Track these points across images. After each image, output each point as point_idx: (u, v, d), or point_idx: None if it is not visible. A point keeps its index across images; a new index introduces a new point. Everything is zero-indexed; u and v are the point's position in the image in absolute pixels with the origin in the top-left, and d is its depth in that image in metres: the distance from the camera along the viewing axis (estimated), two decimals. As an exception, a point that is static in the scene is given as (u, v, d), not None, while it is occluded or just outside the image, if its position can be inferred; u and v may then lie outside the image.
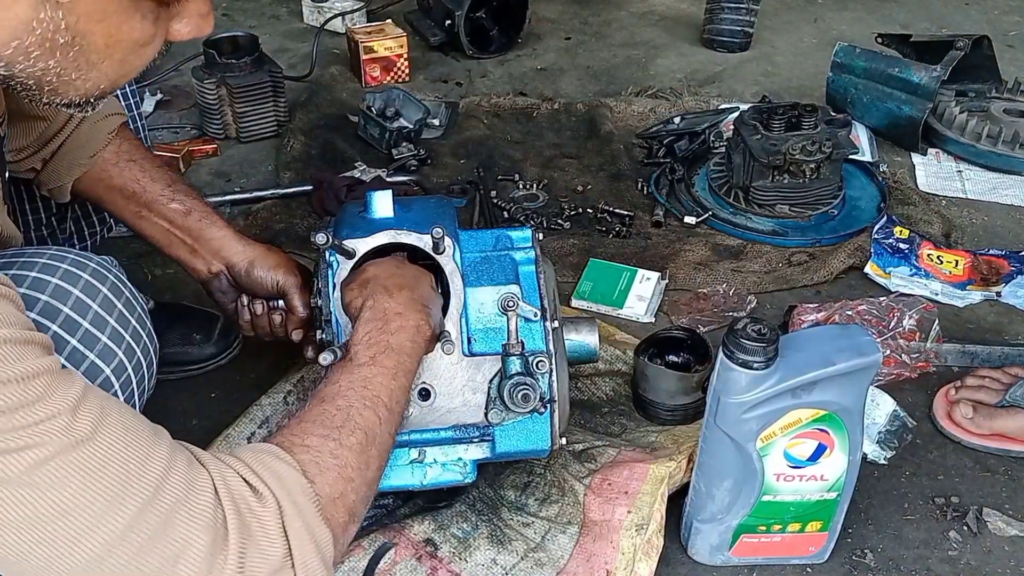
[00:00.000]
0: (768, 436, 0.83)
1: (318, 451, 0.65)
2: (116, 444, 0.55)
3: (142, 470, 0.56)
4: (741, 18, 2.01)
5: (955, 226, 1.46)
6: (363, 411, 0.70)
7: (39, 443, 0.52)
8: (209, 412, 1.10)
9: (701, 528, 0.91)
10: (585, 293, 1.30)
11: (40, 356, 0.55)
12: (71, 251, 0.79)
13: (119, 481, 0.55)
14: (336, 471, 0.65)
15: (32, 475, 0.52)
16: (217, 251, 0.97)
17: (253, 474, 0.61)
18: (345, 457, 0.66)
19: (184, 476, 0.57)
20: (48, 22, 0.54)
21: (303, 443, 0.65)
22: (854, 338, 0.82)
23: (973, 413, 1.05)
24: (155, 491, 0.56)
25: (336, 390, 0.71)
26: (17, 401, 0.52)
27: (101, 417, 0.56)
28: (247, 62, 1.64)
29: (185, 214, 0.97)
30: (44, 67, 0.57)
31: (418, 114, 1.65)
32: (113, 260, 0.82)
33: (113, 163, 0.97)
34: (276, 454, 0.63)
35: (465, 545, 0.90)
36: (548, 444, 0.89)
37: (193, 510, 0.56)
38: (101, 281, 0.77)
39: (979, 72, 1.70)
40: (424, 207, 0.94)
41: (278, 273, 0.97)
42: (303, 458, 0.64)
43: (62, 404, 0.54)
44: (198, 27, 0.61)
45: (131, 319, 0.79)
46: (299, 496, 0.61)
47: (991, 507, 0.99)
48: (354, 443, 0.68)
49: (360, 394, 0.71)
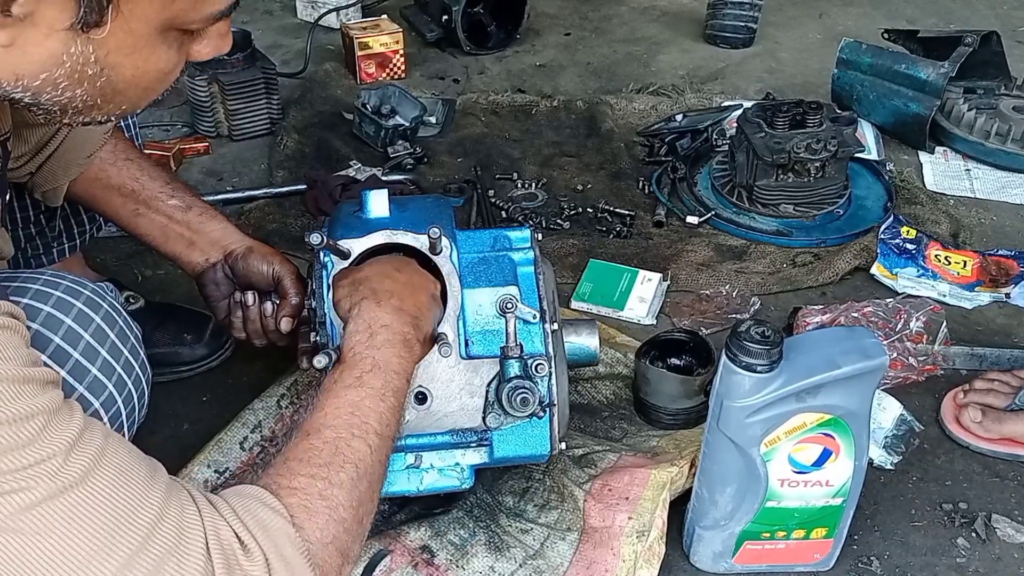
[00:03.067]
0: (772, 441, 0.82)
1: (306, 493, 0.63)
2: (108, 488, 0.55)
3: (133, 517, 0.55)
4: (744, 13, 2.00)
5: (963, 226, 1.46)
6: (352, 442, 0.68)
7: (27, 487, 0.52)
8: (200, 416, 1.09)
9: (704, 535, 0.90)
10: (585, 295, 1.29)
11: (37, 395, 0.54)
12: (67, 277, 0.79)
13: (108, 528, 0.54)
14: (326, 513, 0.63)
15: (18, 520, 0.51)
16: (216, 241, 0.98)
17: (241, 524, 0.59)
18: (335, 497, 0.64)
19: (176, 525, 0.56)
20: (78, 56, 0.55)
21: (290, 484, 0.63)
22: (860, 340, 0.81)
23: (982, 417, 1.04)
24: (145, 539, 0.55)
25: (322, 420, 0.69)
26: (9, 444, 0.52)
27: (96, 459, 0.55)
28: (239, 58, 1.63)
29: (185, 209, 0.98)
30: (71, 96, 0.58)
31: (414, 112, 1.64)
32: (109, 286, 0.82)
33: (111, 163, 0.97)
34: (263, 500, 0.62)
35: (462, 552, 0.89)
36: (547, 449, 0.89)
37: (184, 561, 0.55)
38: (95, 310, 0.77)
39: (988, 69, 1.69)
40: (420, 207, 0.93)
41: (274, 260, 0.98)
42: (291, 502, 0.62)
43: (55, 447, 0.53)
44: (217, 47, 0.63)
45: (124, 350, 0.79)
46: (287, 548, 0.60)
47: (1000, 513, 0.98)
48: (344, 479, 0.66)
49: (348, 422, 0.69)
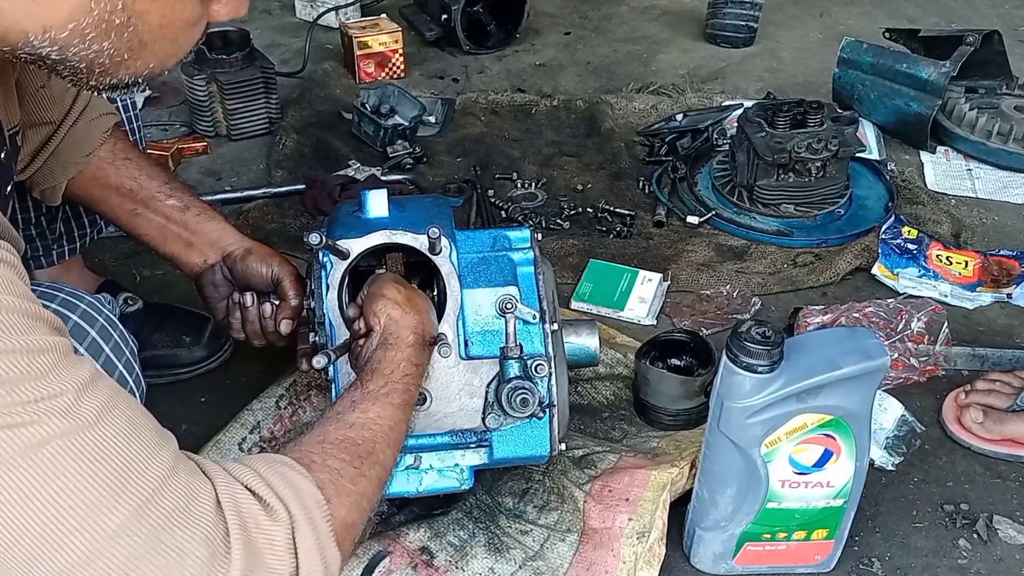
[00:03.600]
0: (773, 442, 0.82)
1: (340, 474, 0.64)
2: (119, 437, 0.53)
3: (144, 469, 0.53)
4: (745, 12, 2.00)
5: (965, 226, 1.45)
6: (386, 450, 0.71)
7: (38, 421, 0.50)
8: (199, 417, 1.09)
9: (704, 536, 0.90)
10: (585, 295, 1.29)
11: (48, 333, 0.53)
12: (63, 288, 0.78)
13: (118, 476, 0.52)
14: (354, 498, 0.64)
15: (24, 457, 0.49)
16: (214, 242, 0.98)
17: (265, 485, 0.58)
18: (365, 488, 0.65)
19: (186, 484, 0.55)
20: (106, 3, 0.55)
21: (324, 463, 0.64)
22: (861, 341, 0.81)
23: (983, 418, 1.04)
24: (154, 494, 0.53)
25: (366, 420, 0.71)
26: (19, 374, 0.50)
27: (107, 406, 0.54)
28: (238, 58, 1.63)
29: (183, 210, 0.97)
30: (99, 49, 0.57)
31: (414, 111, 1.64)
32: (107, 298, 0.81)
33: (109, 162, 0.97)
34: (292, 466, 0.62)
35: (462, 553, 0.89)
36: (547, 450, 0.89)
37: (192, 520, 0.54)
38: (90, 323, 0.76)
39: (989, 68, 1.69)
40: (420, 206, 0.93)
41: (273, 261, 0.97)
42: (322, 477, 0.62)
43: (67, 384, 0.52)
44: (235, 8, 0.63)
45: (118, 364, 0.78)
46: (315, 512, 0.59)
47: (1002, 514, 0.98)
48: (374, 476, 0.67)
49: (387, 434, 0.72)
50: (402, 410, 0.75)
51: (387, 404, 0.73)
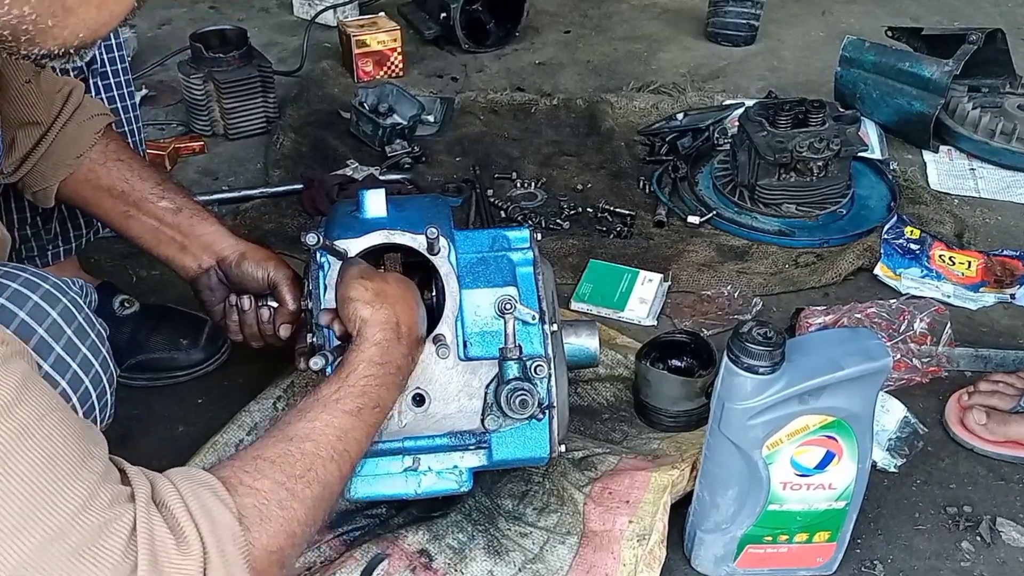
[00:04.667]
0: (774, 443, 0.82)
1: (266, 498, 0.61)
2: (36, 463, 0.51)
3: (55, 501, 0.52)
4: (746, 11, 2.00)
5: (968, 226, 1.45)
6: (328, 464, 0.67)
7: None
8: (196, 418, 1.09)
9: (705, 538, 0.90)
10: (585, 295, 1.29)
11: None
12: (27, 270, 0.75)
13: (28, 506, 0.50)
14: (280, 523, 0.61)
15: None
16: (208, 246, 0.96)
17: (185, 511, 0.57)
18: (295, 511, 0.63)
19: (101, 514, 0.53)
20: None
21: (252, 484, 0.62)
22: (863, 342, 0.81)
23: (986, 419, 1.04)
24: (66, 524, 0.51)
25: (308, 430, 0.67)
26: None
27: (23, 431, 0.51)
28: (235, 56, 1.63)
29: (176, 212, 0.96)
30: (19, 14, 0.56)
31: (412, 110, 1.64)
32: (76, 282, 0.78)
33: (101, 163, 0.96)
34: (215, 491, 0.59)
35: (461, 556, 0.89)
36: (547, 451, 0.88)
37: (101, 555, 0.52)
38: (52, 304, 0.73)
39: (992, 67, 1.68)
40: (418, 206, 0.93)
41: (269, 265, 0.96)
42: (247, 502, 0.60)
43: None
44: None
45: (81, 347, 0.75)
46: (229, 546, 0.58)
47: (1005, 517, 0.98)
48: (308, 496, 0.64)
49: (332, 444, 0.68)
50: (356, 416, 0.71)
51: (337, 411, 0.70)
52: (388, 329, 0.76)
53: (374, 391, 0.73)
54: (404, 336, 0.78)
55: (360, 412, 0.71)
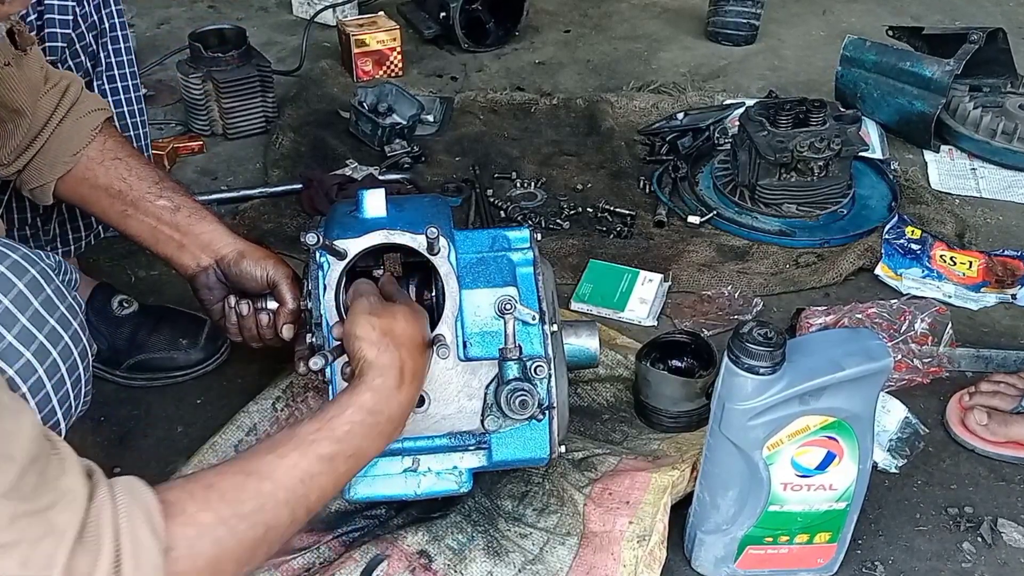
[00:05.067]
0: (775, 444, 0.82)
1: (203, 533, 0.59)
2: None
3: None
4: (746, 10, 1.99)
5: (969, 226, 1.45)
6: (280, 508, 0.63)
7: None
8: (195, 419, 1.08)
9: (705, 539, 0.90)
10: (585, 295, 1.28)
11: None
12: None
13: None
14: (209, 559, 0.58)
15: None
16: (206, 244, 0.95)
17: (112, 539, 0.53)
18: (230, 549, 0.60)
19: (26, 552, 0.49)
20: None
21: (194, 515, 0.59)
22: (864, 342, 0.81)
23: (987, 420, 1.04)
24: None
25: (271, 468, 0.64)
26: None
27: None
28: (234, 56, 1.63)
29: (174, 210, 0.95)
30: None
31: (412, 110, 1.64)
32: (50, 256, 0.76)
33: (98, 162, 0.95)
34: (151, 517, 0.56)
35: (460, 557, 0.88)
36: (546, 452, 0.88)
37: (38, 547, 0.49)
38: (19, 275, 0.70)
39: (994, 66, 1.68)
40: (418, 206, 0.92)
41: (267, 264, 0.95)
42: (182, 532, 0.57)
43: None
44: None
45: (49, 319, 0.72)
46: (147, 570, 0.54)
47: (1006, 517, 0.98)
48: (249, 538, 0.61)
49: (292, 487, 0.65)
50: (328, 462, 0.67)
51: (310, 453, 0.66)
52: (390, 375, 0.73)
53: (356, 439, 0.70)
54: (407, 383, 0.74)
55: (333, 459, 0.68)
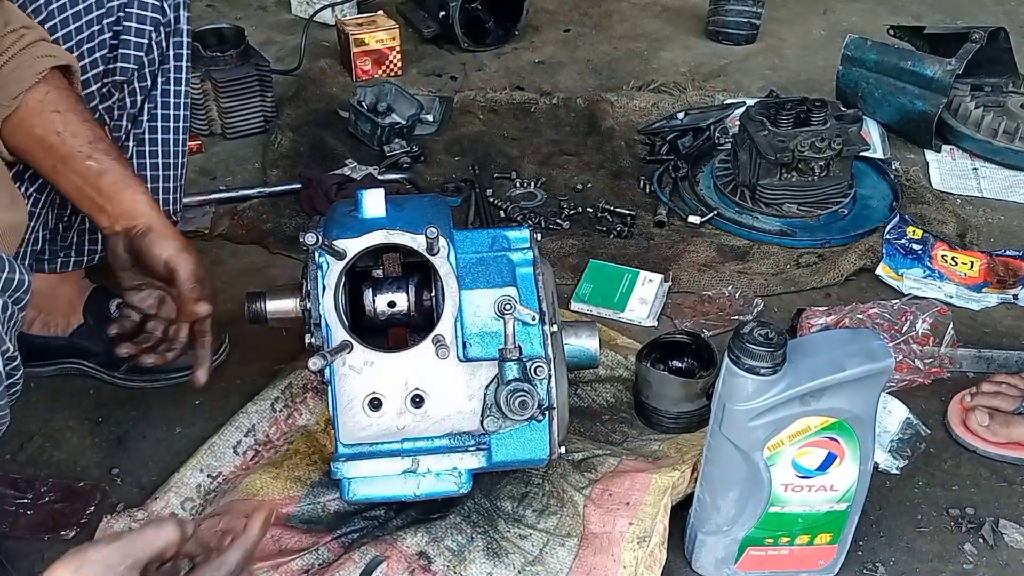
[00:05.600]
0: (775, 445, 0.82)
1: None
2: None
3: None
4: (747, 9, 1.99)
5: (970, 226, 1.45)
6: None
7: None
8: (193, 420, 1.08)
9: (706, 540, 0.89)
10: (585, 296, 1.28)
11: None
12: None
13: None
14: None
15: None
16: (123, 213, 0.91)
17: None
18: None
19: None
20: None
21: None
22: (865, 343, 0.81)
23: (989, 420, 1.04)
24: None
25: None
26: None
27: None
28: (233, 55, 1.63)
29: (100, 174, 0.91)
30: None
31: (411, 109, 1.63)
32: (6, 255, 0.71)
33: (37, 112, 0.91)
34: None
35: (460, 558, 0.88)
36: (546, 453, 0.88)
37: None
38: None
39: (995, 66, 1.68)
40: (417, 206, 0.92)
41: (169, 246, 0.90)
42: None
43: None
44: None
45: None
46: None
47: (1008, 519, 0.97)
48: None
49: None
50: None
51: None
52: None
53: None
54: None
55: None
